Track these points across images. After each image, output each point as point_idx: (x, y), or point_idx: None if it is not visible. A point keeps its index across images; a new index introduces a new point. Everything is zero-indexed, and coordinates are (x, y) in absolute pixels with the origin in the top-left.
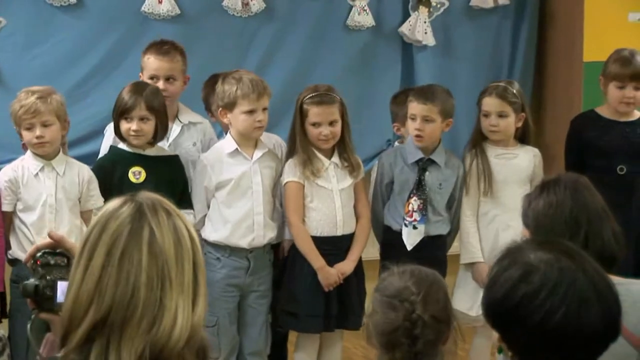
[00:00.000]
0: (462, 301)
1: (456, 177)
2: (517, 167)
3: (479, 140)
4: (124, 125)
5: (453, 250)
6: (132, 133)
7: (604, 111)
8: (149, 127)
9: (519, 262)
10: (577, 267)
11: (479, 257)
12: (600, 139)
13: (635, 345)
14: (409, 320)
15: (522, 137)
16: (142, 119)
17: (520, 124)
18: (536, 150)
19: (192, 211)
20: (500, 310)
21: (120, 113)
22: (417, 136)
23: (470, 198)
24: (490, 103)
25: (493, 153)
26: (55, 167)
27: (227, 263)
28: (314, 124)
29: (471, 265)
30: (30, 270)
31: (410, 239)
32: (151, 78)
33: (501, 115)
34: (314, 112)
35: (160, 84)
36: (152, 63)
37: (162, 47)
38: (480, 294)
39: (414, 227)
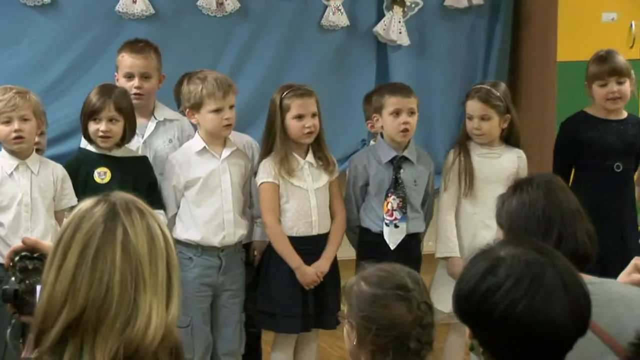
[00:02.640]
0: (439, 298)
1: (428, 173)
2: (500, 166)
3: (464, 139)
4: (92, 127)
5: (427, 249)
6: (101, 134)
7: (593, 111)
8: (118, 128)
9: (488, 257)
10: (545, 262)
11: (456, 251)
12: (597, 138)
13: (608, 344)
14: (419, 309)
15: (508, 138)
16: (110, 120)
17: (505, 125)
18: (521, 152)
19: (161, 211)
20: (467, 303)
21: (89, 114)
22: (404, 130)
23: (450, 194)
24: (473, 106)
25: (477, 152)
26: (29, 165)
27: (199, 262)
28: (297, 117)
29: (447, 260)
30: (11, 274)
31: (393, 237)
32: (127, 76)
33: (484, 118)
34: (296, 104)
35: (136, 82)
36: (126, 61)
37: (136, 44)
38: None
39: (396, 226)
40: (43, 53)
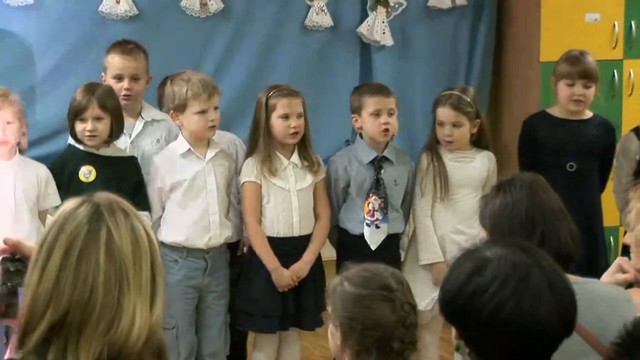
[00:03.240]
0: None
1: (408, 172)
2: (473, 170)
3: (434, 144)
4: (79, 126)
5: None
6: (87, 133)
7: (554, 111)
8: (104, 126)
9: (474, 257)
10: (532, 262)
11: (440, 256)
12: (551, 137)
13: (591, 344)
14: (403, 309)
15: (478, 141)
16: (96, 118)
17: (475, 130)
18: (491, 155)
19: (147, 212)
20: (454, 304)
21: (75, 114)
22: (385, 130)
23: (426, 199)
24: (445, 113)
25: (449, 156)
26: (13, 166)
27: (185, 264)
28: (283, 117)
29: (430, 265)
30: None
31: (374, 238)
32: (116, 77)
33: (455, 125)
34: (282, 104)
35: (126, 83)
36: (117, 62)
37: (126, 46)
38: (429, 289)
39: (377, 227)
40: (27, 53)
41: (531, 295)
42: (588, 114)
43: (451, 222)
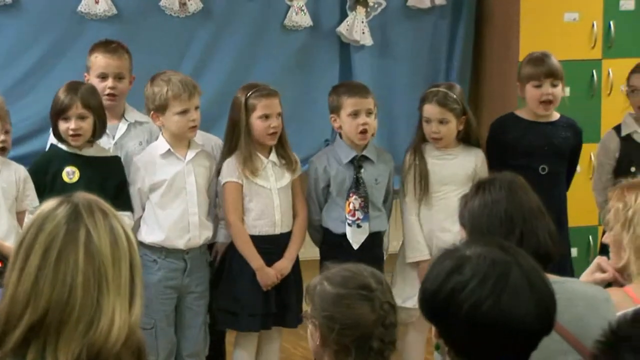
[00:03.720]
0: (398, 295)
1: (389, 171)
2: (455, 168)
3: (419, 142)
4: (62, 126)
5: (391, 249)
6: (71, 132)
7: (523, 113)
8: (87, 125)
9: (454, 256)
10: (511, 261)
11: (427, 254)
12: (522, 140)
13: (570, 343)
14: (382, 309)
15: (466, 138)
16: (79, 117)
17: (462, 127)
18: (479, 151)
19: (129, 213)
20: (433, 302)
21: (58, 113)
22: (363, 131)
23: (411, 198)
24: (431, 110)
25: (432, 154)
26: None
27: (164, 265)
28: (263, 117)
29: (416, 263)
30: None
31: (356, 237)
32: (100, 76)
33: (442, 122)
34: (262, 105)
35: (110, 82)
36: (100, 61)
37: (110, 45)
38: (416, 288)
39: (358, 226)
40: (6, 53)
41: (510, 293)
42: (555, 116)
43: (437, 220)
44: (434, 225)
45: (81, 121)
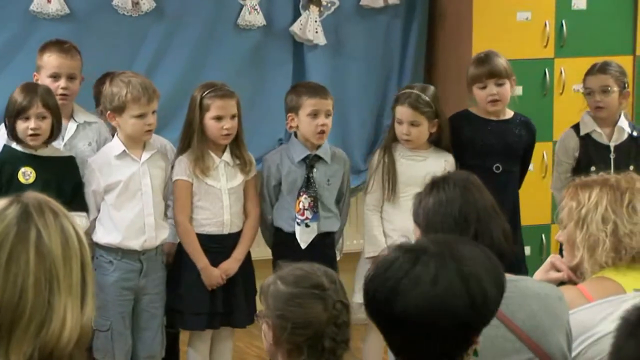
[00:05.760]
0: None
1: (343, 172)
2: (424, 169)
3: (391, 141)
4: (21, 125)
5: (351, 248)
6: (30, 132)
7: (476, 110)
8: (47, 125)
9: (388, 257)
10: (443, 256)
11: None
12: (475, 138)
13: (524, 341)
14: (335, 308)
15: (438, 141)
16: (39, 117)
17: (434, 130)
18: (449, 156)
19: (84, 213)
20: (373, 304)
21: (17, 113)
22: (321, 132)
23: (374, 194)
24: (403, 112)
25: (402, 154)
26: None
27: (120, 266)
28: (216, 118)
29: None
30: None
31: (304, 237)
32: (53, 76)
33: (413, 124)
34: (216, 105)
35: (62, 82)
36: (53, 61)
37: (62, 45)
38: None
39: (307, 225)
40: None
41: (443, 290)
42: (509, 114)
43: (401, 220)
44: (398, 224)
45: (41, 121)
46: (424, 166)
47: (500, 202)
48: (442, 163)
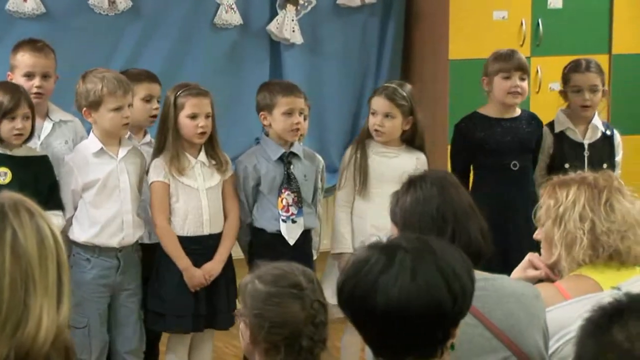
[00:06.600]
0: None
1: (316, 170)
2: (396, 166)
3: (364, 137)
4: (7, 126)
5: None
6: (16, 132)
7: (486, 111)
8: (29, 125)
9: (362, 255)
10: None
11: (349, 247)
12: (490, 138)
13: (501, 340)
14: (312, 307)
15: (411, 140)
16: (25, 117)
17: (408, 127)
18: (421, 155)
19: (60, 212)
20: (343, 297)
21: (3, 114)
22: (296, 129)
23: (344, 192)
24: (378, 103)
25: (374, 150)
26: None
27: (97, 263)
28: (191, 116)
29: (339, 256)
30: None
31: (292, 233)
32: (27, 75)
33: (387, 115)
34: (191, 104)
35: (37, 81)
36: (27, 60)
37: (36, 44)
38: None
39: (293, 221)
40: None
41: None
42: (518, 111)
43: (371, 217)
44: (368, 221)
45: (26, 121)
46: (395, 163)
47: (521, 198)
48: (413, 161)
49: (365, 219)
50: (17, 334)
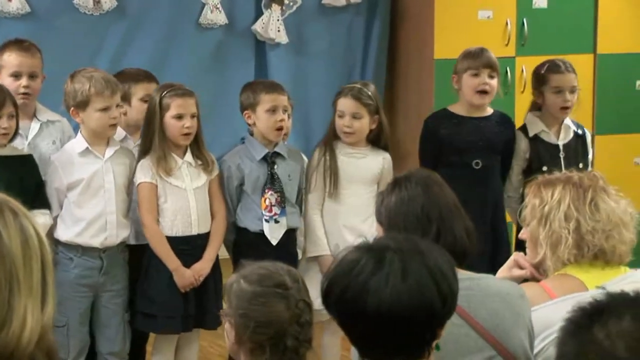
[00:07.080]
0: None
1: (300, 169)
2: (364, 167)
3: (331, 139)
4: None
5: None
6: (2, 131)
7: (456, 109)
8: (14, 124)
9: (356, 251)
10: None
11: (326, 249)
12: (455, 135)
13: (486, 339)
14: (298, 307)
15: (376, 140)
16: (10, 116)
17: (374, 126)
18: (387, 155)
19: (47, 211)
20: (331, 299)
21: None
22: (280, 128)
23: (315, 193)
24: (345, 104)
25: (342, 151)
26: None
27: (80, 263)
28: (177, 117)
29: (316, 258)
30: None
31: (275, 233)
32: (13, 75)
33: (355, 116)
34: (176, 104)
35: (24, 81)
36: (14, 59)
37: (22, 44)
38: None
39: (276, 221)
40: None
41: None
42: (489, 111)
43: (343, 218)
44: (339, 222)
45: (11, 120)
46: (363, 164)
47: (483, 198)
48: (380, 161)
49: (337, 220)
50: (1, 334)
